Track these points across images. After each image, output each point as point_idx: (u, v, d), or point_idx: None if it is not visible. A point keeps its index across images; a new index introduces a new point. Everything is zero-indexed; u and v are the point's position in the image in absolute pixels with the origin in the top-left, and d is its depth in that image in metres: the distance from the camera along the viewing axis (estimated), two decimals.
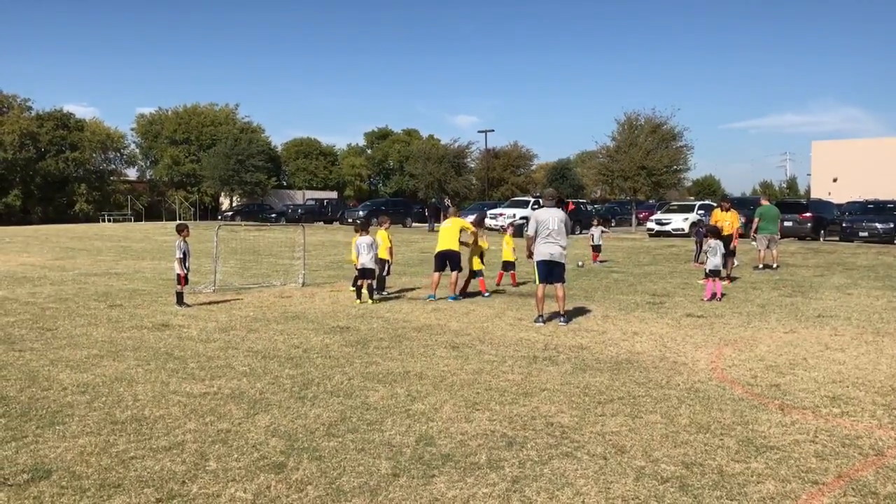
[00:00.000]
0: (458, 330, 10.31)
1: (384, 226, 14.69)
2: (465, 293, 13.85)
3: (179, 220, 58.16)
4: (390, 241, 14.35)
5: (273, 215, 53.41)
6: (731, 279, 16.68)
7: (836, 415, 6.40)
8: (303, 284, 15.14)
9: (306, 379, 7.45)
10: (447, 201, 51.61)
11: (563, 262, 10.91)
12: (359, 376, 7.58)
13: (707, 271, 13.91)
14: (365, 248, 12.91)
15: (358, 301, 12.87)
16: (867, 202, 33.29)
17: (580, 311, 12.06)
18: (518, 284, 15.64)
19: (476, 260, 14.33)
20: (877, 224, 29.87)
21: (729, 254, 16.99)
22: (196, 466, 5.01)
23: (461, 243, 13.63)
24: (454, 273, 13.32)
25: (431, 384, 7.31)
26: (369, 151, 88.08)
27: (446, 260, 13.38)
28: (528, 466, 5.10)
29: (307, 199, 61.25)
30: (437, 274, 13.51)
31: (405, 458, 5.25)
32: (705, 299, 13.43)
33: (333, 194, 70.99)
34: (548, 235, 10.72)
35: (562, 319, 10.85)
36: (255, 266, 19.29)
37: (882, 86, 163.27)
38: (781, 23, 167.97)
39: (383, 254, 13.96)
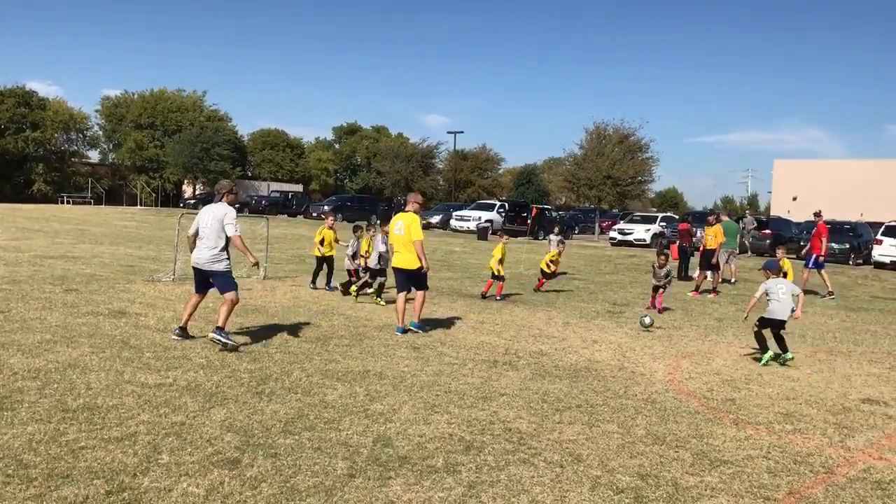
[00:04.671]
0: (418, 333, 10.28)
1: (329, 221, 14.51)
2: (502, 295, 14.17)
3: (141, 205, 57.39)
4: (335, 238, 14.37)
5: (236, 206, 52.75)
6: (716, 292, 16.90)
7: (789, 431, 6.50)
8: (264, 277, 14.99)
9: (264, 374, 7.37)
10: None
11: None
12: (318, 373, 7.52)
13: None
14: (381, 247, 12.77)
15: (380, 301, 12.64)
16: (825, 222, 33.88)
17: (541, 318, 12.10)
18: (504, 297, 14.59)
19: (499, 266, 14.19)
20: (833, 244, 30.43)
21: (713, 267, 17.23)
22: (148, 459, 4.92)
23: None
24: (420, 294, 10.25)
25: (391, 384, 7.27)
26: (337, 146, 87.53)
27: (407, 279, 10.20)
28: (484, 472, 5.10)
29: (272, 191, 60.69)
30: (401, 296, 10.04)
31: (362, 458, 5.21)
32: (657, 309, 13.67)
33: (299, 187, 70.45)
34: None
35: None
36: None
37: (846, 109, 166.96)
38: (752, 41, 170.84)
39: (329, 250, 14.10)
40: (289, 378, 7.25)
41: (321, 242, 14.13)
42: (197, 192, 63.68)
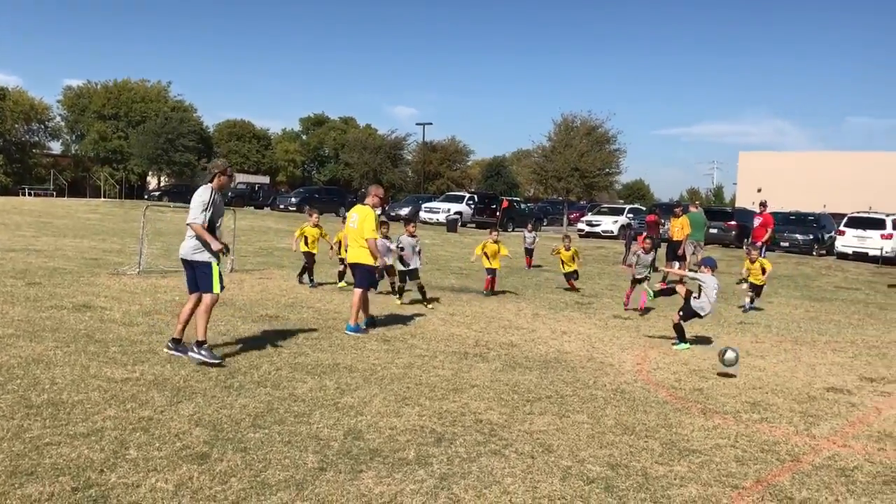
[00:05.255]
0: (389, 323, 10.26)
1: (314, 218, 14.23)
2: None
3: (104, 197, 56.46)
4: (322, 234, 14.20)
5: (229, 189, 52.15)
6: (684, 283, 17.03)
7: (756, 420, 6.59)
8: (231, 270, 14.83)
9: (233, 368, 7.30)
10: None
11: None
12: (287, 367, 7.46)
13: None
14: (409, 248, 12.29)
15: (399, 301, 12.24)
16: (789, 213, 34.43)
17: (510, 310, 12.14)
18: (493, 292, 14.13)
19: (495, 260, 14.07)
20: (797, 235, 30.96)
21: (678, 258, 17.44)
22: (115, 455, 4.84)
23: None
24: (357, 292, 9.50)
25: (361, 377, 7.24)
26: (304, 137, 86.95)
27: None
28: (456, 463, 5.10)
29: (238, 183, 60.01)
30: (358, 292, 9.60)
31: (332, 451, 5.18)
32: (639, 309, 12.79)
33: (266, 179, 69.86)
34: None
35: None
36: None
37: (810, 101, 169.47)
38: (717, 34, 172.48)
39: (313, 247, 13.83)
40: (258, 372, 7.19)
41: (306, 241, 13.77)
42: (162, 184, 62.84)
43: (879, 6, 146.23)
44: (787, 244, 30.34)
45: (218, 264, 7.54)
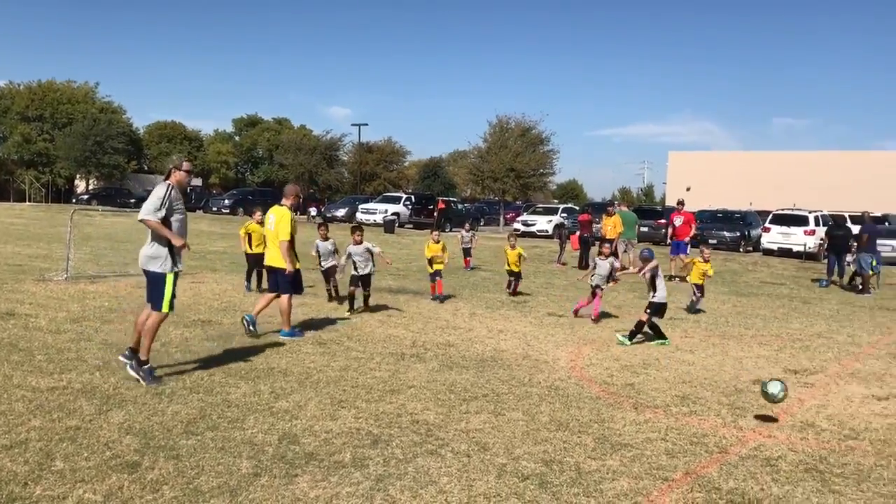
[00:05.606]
0: (325, 326, 10.20)
1: (258, 216, 13.33)
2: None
3: (30, 201, 54.63)
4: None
5: (132, 200, 50.95)
6: (615, 281, 17.30)
7: (685, 413, 6.77)
8: None
9: (164, 374, 7.15)
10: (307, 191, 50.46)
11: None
12: (220, 372, 7.36)
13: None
14: (359, 256, 11.54)
15: (350, 312, 11.29)
16: (717, 211, 35.37)
17: (448, 310, 12.19)
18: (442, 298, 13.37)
19: (438, 262, 13.44)
20: (725, 232, 31.84)
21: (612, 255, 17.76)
22: (41, 466, 4.70)
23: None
24: (283, 298, 9.22)
25: (296, 381, 7.19)
26: (237, 138, 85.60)
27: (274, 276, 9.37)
28: (392, 465, 5.11)
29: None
30: (268, 296, 9.42)
31: (267, 457, 5.13)
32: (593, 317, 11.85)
33: (198, 181, 68.55)
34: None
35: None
36: (111, 254, 18.35)
37: (736, 103, 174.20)
38: (646, 37, 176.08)
39: (257, 248, 12.99)
40: (190, 377, 7.07)
41: (249, 241, 13.01)
42: (90, 188, 61.09)
43: (798, 11, 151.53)
44: (714, 241, 31.10)
45: (174, 278, 6.84)
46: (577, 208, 41.25)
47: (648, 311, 9.97)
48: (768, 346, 10.32)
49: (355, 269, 11.58)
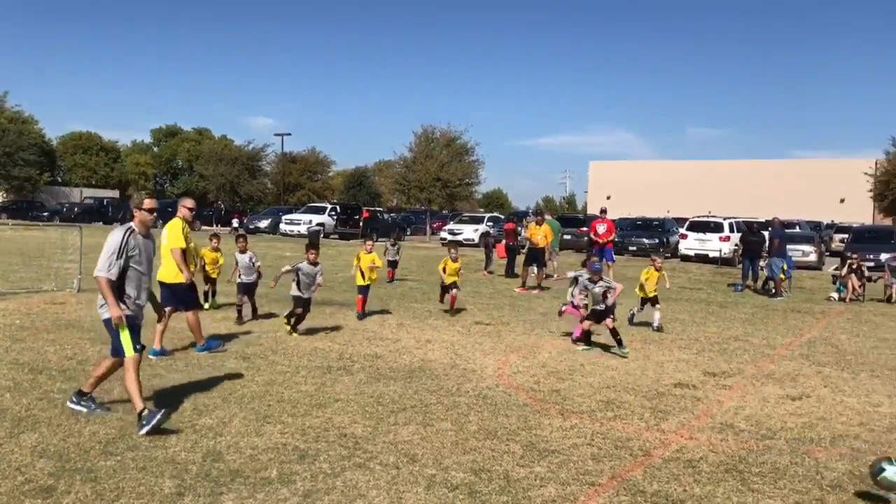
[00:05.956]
0: (248, 340, 10.01)
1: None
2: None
3: None
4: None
5: (45, 214, 49.18)
6: (542, 289, 17.53)
7: (610, 418, 6.89)
8: (78, 290, 14.03)
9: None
10: (221, 203, 49.56)
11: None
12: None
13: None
14: (309, 277, 10.67)
15: (291, 332, 10.51)
16: (636, 219, 36.25)
17: (375, 321, 12.12)
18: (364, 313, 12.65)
19: (358, 275, 12.61)
20: (644, 239, 32.64)
21: (540, 265, 17.98)
22: None
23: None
24: (189, 314, 8.97)
25: (220, 397, 7.02)
26: (156, 149, 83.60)
27: (172, 294, 8.86)
28: (320, 479, 5.04)
29: (85, 198, 56.96)
30: (163, 321, 8.73)
31: (191, 475, 5.00)
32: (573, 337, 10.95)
33: (115, 193, 66.58)
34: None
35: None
36: (22, 269, 17.63)
37: (652, 113, 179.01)
38: (564, 48, 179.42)
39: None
40: (108, 396, 6.83)
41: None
42: (0, 201, 58.62)
43: (709, 24, 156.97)
44: (634, 248, 31.88)
45: (129, 316, 6.16)
46: (503, 217, 41.69)
47: (609, 316, 10.05)
48: (688, 349, 10.60)
49: (300, 288, 10.56)
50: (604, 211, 20.56)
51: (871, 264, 21.79)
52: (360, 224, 41.48)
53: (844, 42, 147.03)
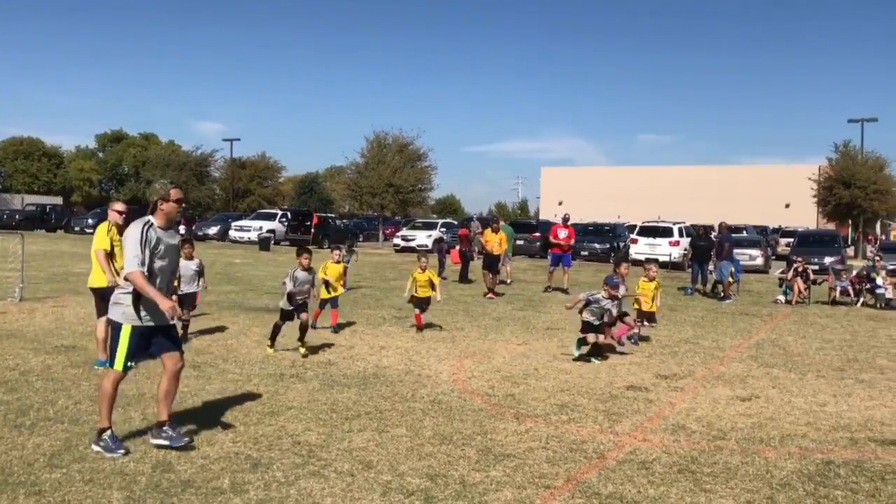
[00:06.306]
0: (199, 348, 9.83)
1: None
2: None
3: None
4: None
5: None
6: (497, 294, 17.56)
7: (565, 421, 6.92)
8: (20, 299, 13.64)
9: (24, 405, 6.70)
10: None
11: None
12: (87, 400, 6.95)
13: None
14: (304, 285, 9.86)
15: (272, 350, 9.82)
16: (588, 225, 36.64)
17: (328, 327, 12.01)
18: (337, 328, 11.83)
19: (322, 290, 11.40)
20: (595, 244, 33.03)
21: (495, 271, 18.01)
22: None
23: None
24: (102, 322, 8.24)
25: None
26: (101, 155, 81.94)
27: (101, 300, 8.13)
28: (273, 488, 4.96)
29: (27, 205, 55.53)
30: (101, 321, 8.30)
31: (140, 487, 4.87)
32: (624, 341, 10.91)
33: (58, 199, 65.06)
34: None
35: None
36: None
37: (601, 119, 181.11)
38: (516, 54, 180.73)
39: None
40: (53, 407, 6.64)
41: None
42: None
43: (656, 32, 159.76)
44: (586, 253, 32.22)
45: (132, 332, 5.60)
46: (456, 223, 41.76)
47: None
48: (640, 352, 10.71)
49: (291, 301, 9.72)
50: (566, 218, 20.72)
51: (816, 268, 22.32)
52: (312, 230, 41.16)
53: (790, 51, 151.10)
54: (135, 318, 5.58)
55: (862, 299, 18.08)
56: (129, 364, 5.67)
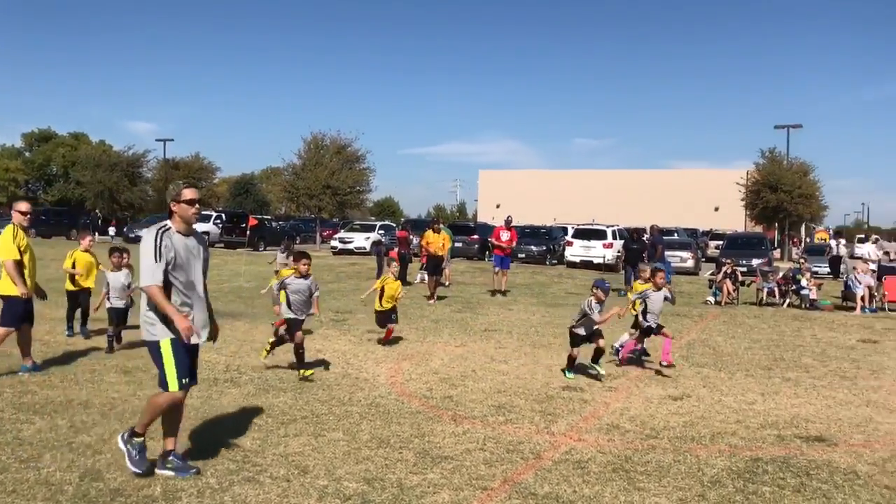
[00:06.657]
0: (129, 353, 9.58)
1: (86, 242, 10.92)
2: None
3: None
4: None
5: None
6: (440, 298, 17.51)
7: (502, 422, 6.97)
8: None
9: None
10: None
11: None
12: (10, 408, 6.71)
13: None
14: (301, 293, 8.89)
15: (265, 355, 9.20)
16: (525, 227, 36.96)
17: (263, 332, 11.86)
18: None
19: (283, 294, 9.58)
20: (532, 247, 33.35)
21: (439, 273, 17.96)
22: None
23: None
24: (2, 330, 8.02)
25: (99, 413, 6.69)
26: (28, 154, 79.31)
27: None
28: (207, 495, 4.87)
29: None
30: (23, 327, 8.17)
31: (67, 496, 4.73)
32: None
33: None
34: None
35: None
36: None
37: (541, 124, 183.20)
38: (451, 57, 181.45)
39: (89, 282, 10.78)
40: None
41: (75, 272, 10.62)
42: None
43: (596, 38, 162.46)
44: (523, 255, 32.51)
45: (172, 344, 5.15)
46: (395, 225, 41.66)
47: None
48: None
49: (292, 309, 8.87)
50: (509, 220, 20.86)
51: (745, 269, 22.95)
52: (247, 232, 40.53)
53: (719, 58, 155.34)
54: (170, 332, 5.12)
55: (788, 300, 18.67)
56: (184, 381, 5.17)
